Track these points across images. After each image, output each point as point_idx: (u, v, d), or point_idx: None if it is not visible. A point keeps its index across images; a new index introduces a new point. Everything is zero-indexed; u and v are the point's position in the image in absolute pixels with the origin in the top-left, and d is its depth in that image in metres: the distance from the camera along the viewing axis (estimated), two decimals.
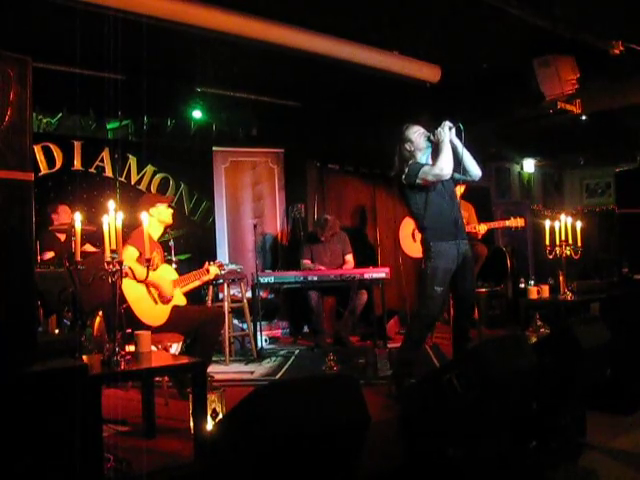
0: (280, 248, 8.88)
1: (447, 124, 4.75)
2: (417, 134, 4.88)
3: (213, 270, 5.56)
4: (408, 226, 7.65)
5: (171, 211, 5.38)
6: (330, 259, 7.68)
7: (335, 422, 2.36)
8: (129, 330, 4.33)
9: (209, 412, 3.67)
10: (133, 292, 4.86)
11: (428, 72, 7.03)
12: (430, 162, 4.85)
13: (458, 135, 4.78)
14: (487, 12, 5.44)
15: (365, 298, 7.40)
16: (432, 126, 4.88)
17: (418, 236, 7.39)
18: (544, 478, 3.55)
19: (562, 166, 13.33)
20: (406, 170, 4.82)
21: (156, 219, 5.28)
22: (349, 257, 7.76)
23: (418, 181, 4.73)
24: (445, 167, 4.65)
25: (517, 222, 7.06)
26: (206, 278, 5.59)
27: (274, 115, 8.64)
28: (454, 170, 4.81)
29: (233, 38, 5.68)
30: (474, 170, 4.92)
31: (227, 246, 8.68)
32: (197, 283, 5.52)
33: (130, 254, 4.75)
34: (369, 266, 7.65)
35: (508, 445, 3.37)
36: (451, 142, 4.74)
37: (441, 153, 4.68)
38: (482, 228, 7.02)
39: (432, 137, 4.81)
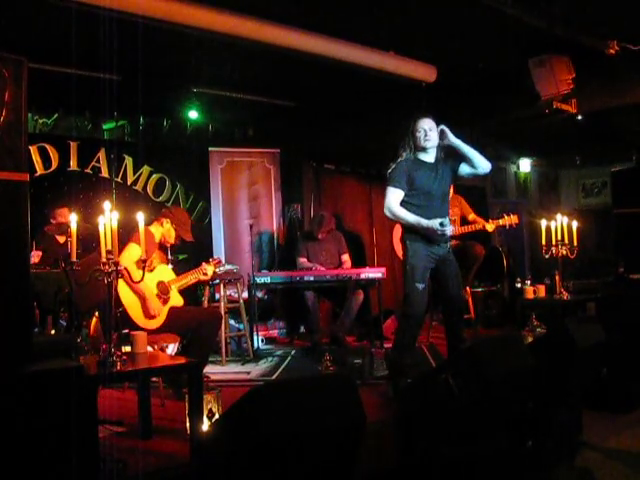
0: (276, 248, 8.88)
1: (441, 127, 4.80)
2: (420, 132, 4.84)
3: (210, 270, 5.56)
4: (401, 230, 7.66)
5: (173, 234, 5.39)
6: (326, 258, 7.67)
7: (331, 422, 2.36)
8: (126, 330, 4.33)
9: (205, 412, 3.67)
10: (128, 295, 4.86)
11: (424, 72, 7.03)
12: (424, 158, 4.87)
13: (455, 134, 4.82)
14: (483, 12, 5.44)
15: (361, 298, 7.39)
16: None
17: None
18: (541, 478, 3.55)
19: (558, 166, 13.35)
20: (391, 168, 4.87)
21: (167, 228, 5.33)
22: (345, 257, 7.74)
23: (389, 186, 4.80)
24: (387, 213, 4.83)
25: (511, 220, 7.08)
26: (203, 278, 5.59)
27: (270, 115, 8.64)
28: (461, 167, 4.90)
29: (229, 38, 5.68)
30: (482, 165, 4.91)
31: (223, 246, 8.68)
32: (193, 281, 5.52)
33: (134, 252, 4.75)
34: (365, 266, 7.66)
35: (505, 445, 3.37)
36: (454, 143, 4.80)
37: (405, 218, 4.79)
38: (490, 227, 7.08)
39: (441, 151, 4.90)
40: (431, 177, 4.82)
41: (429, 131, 4.82)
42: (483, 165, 4.91)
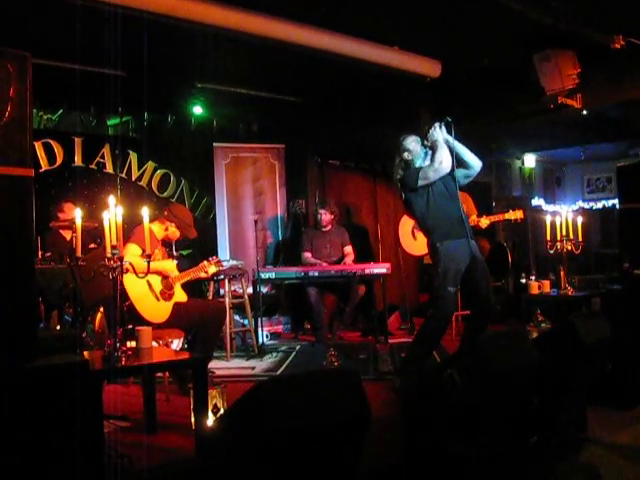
0: (281, 244, 8.88)
1: (436, 124, 4.84)
2: (414, 142, 4.98)
3: (211, 271, 5.55)
4: (407, 224, 7.66)
5: (177, 234, 5.39)
6: (329, 250, 7.69)
7: (336, 417, 2.36)
8: (131, 326, 4.34)
9: (210, 408, 3.68)
10: (135, 289, 4.86)
11: (429, 67, 7.02)
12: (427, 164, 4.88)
13: (448, 130, 4.83)
14: (488, 7, 5.43)
15: (361, 292, 7.40)
16: (429, 125, 4.92)
17: (418, 234, 7.43)
18: (545, 473, 3.55)
19: (563, 161, 13.32)
20: (406, 177, 4.86)
21: (171, 231, 5.33)
22: (348, 248, 7.77)
23: (420, 182, 4.77)
24: (444, 160, 4.73)
25: (516, 214, 7.05)
26: (204, 276, 5.59)
27: (275, 111, 8.63)
28: (453, 166, 4.86)
29: (233, 34, 5.67)
30: (474, 161, 4.96)
31: (228, 242, 8.69)
32: (194, 277, 5.51)
33: (133, 252, 4.75)
34: (370, 261, 7.66)
35: (509, 440, 3.37)
36: (444, 139, 4.80)
37: (437, 150, 4.76)
38: (484, 222, 7.02)
39: (426, 141, 4.86)
40: (439, 182, 4.84)
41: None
42: (474, 162, 4.95)
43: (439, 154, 4.73)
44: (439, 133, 4.81)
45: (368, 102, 7.99)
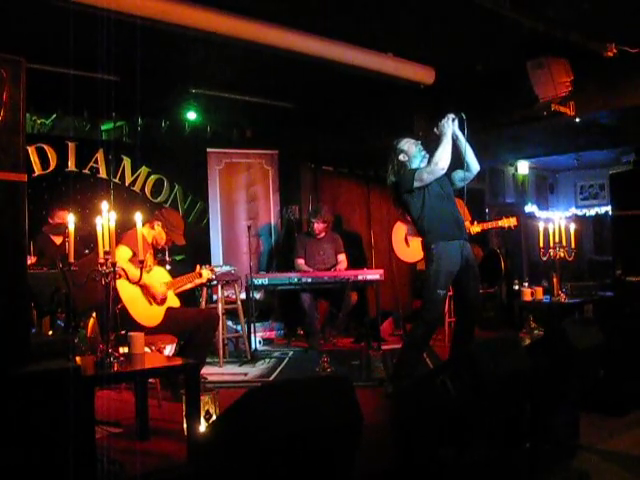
0: (274, 250, 8.88)
1: (450, 116, 4.79)
2: (408, 144, 4.99)
3: (205, 274, 5.57)
4: (400, 231, 7.67)
5: (164, 237, 5.38)
6: (323, 257, 7.69)
7: (328, 424, 2.36)
8: (123, 332, 4.33)
9: (202, 414, 3.67)
10: (128, 292, 4.85)
11: (422, 74, 7.03)
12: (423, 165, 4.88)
13: (460, 126, 4.81)
14: (481, 14, 5.44)
15: (354, 299, 7.40)
16: (430, 125, 4.91)
17: (411, 241, 7.45)
18: None
19: (556, 168, 13.36)
20: (402, 179, 4.86)
21: (157, 231, 5.32)
22: (342, 257, 7.77)
23: (415, 184, 4.76)
24: (440, 160, 4.68)
25: (509, 222, 7.05)
26: (198, 281, 5.59)
27: (268, 117, 8.64)
28: (456, 166, 4.86)
29: (227, 39, 5.67)
30: (473, 164, 4.94)
31: (221, 247, 8.67)
32: (189, 286, 5.53)
33: (122, 254, 4.74)
34: (363, 267, 7.66)
35: (502, 447, 3.37)
36: (454, 134, 4.78)
37: (439, 147, 4.71)
38: (474, 229, 7.00)
39: (436, 129, 4.83)
40: (435, 184, 4.84)
41: (415, 141, 5.00)
42: (474, 166, 4.95)
43: (438, 153, 4.68)
44: (449, 126, 4.75)
45: (362, 108, 8.00)
